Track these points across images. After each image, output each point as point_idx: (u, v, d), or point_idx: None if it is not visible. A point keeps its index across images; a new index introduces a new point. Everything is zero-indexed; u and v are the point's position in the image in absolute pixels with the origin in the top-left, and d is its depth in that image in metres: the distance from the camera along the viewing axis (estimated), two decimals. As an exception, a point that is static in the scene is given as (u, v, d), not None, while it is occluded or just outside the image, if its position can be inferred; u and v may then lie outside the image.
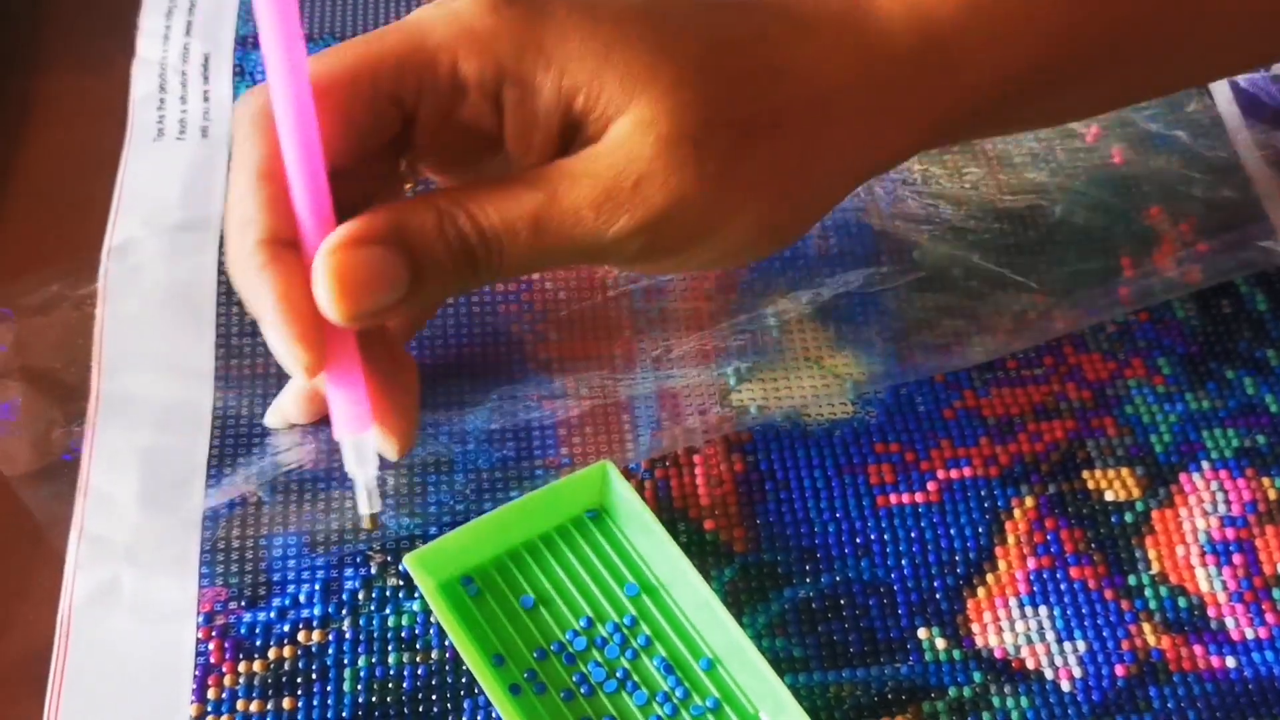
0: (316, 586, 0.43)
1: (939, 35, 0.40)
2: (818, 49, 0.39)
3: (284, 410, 0.45)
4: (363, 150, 0.38)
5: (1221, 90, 0.56)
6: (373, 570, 0.43)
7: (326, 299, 0.35)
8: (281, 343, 0.36)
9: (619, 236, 0.38)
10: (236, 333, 0.48)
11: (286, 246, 0.36)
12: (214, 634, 0.42)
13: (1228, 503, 0.46)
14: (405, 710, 0.41)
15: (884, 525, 0.45)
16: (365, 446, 0.38)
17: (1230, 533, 0.45)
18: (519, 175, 0.38)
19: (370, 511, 0.40)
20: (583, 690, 0.41)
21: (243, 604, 0.43)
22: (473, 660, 0.40)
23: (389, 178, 0.41)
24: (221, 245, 0.50)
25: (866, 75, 0.40)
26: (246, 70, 0.56)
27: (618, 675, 0.41)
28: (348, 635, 0.42)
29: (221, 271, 0.50)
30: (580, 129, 0.38)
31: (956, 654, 0.43)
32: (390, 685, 0.41)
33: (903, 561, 0.44)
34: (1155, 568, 0.44)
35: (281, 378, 0.47)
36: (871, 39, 0.40)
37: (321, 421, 0.45)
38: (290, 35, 0.33)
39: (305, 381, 0.37)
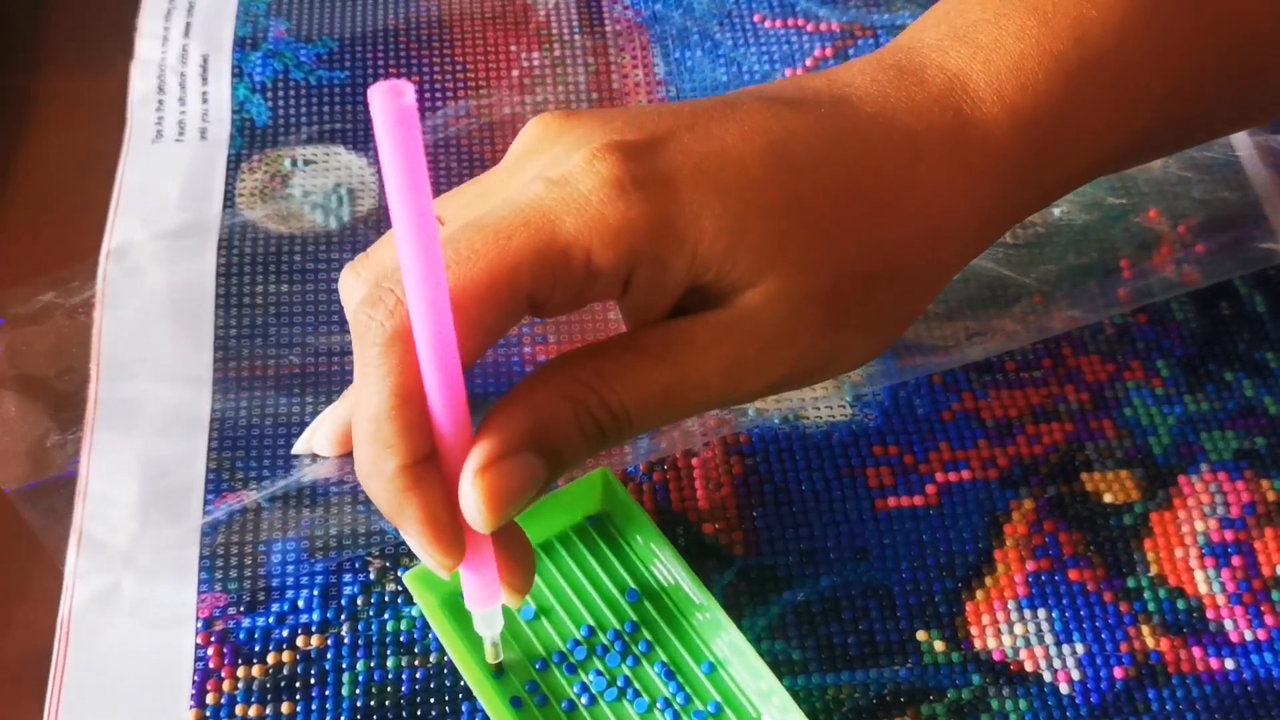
0: (315, 592, 0.43)
1: (1039, 135, 0.40)
2: (930, 179, 0.39)
3: (315, 444, 0.45)
4: (490, 345, 0.37)
5: (1221, 90, 0.56)
6: (371, 575, 0.44)
7: (478, 517, 0.35)
8: (426, 554, 0.36)
9: (746, 394, 0.39)
10: (234, 336, 0.48)
11: (424, 463, 0.36)
12: (213, 639, 0.42)
13: (1226, 505, 0.46)
14: (404, 714, 0.41)
15: (883, 528, 0.45)
16: (494, 615, 0.40)
17: (1229, 535, 0.45)
18: (642, 345, 0.37)
19: (494, 661, 0.41)
20: (584, 700, 0.41)
21: (242, 609, 0.43)
22: (472, 676, 0.40)
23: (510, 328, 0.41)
24: (221, 249, 0.50)
25: (977, 197, 0.40)
26: (245, 72, 0.56)
27: (619, 683, 0.41)
28: (346, 640, 0.42)
29: (220, 272, 0.50)
30: (701, 291, 0.38)
31: (955, 656, 0.43)
32: (389, 689, 0.41)
33: (901, 564, 0.44)
34: (1154, 570, 0.45)
35: (280, 382, 0.47)
36: (978, 157, 0.40)
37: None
38: (432, 259, 0.31)
39: (445, 576, 0.38)
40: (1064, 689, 0.42)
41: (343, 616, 0.43)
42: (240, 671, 0.42)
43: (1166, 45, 0.42)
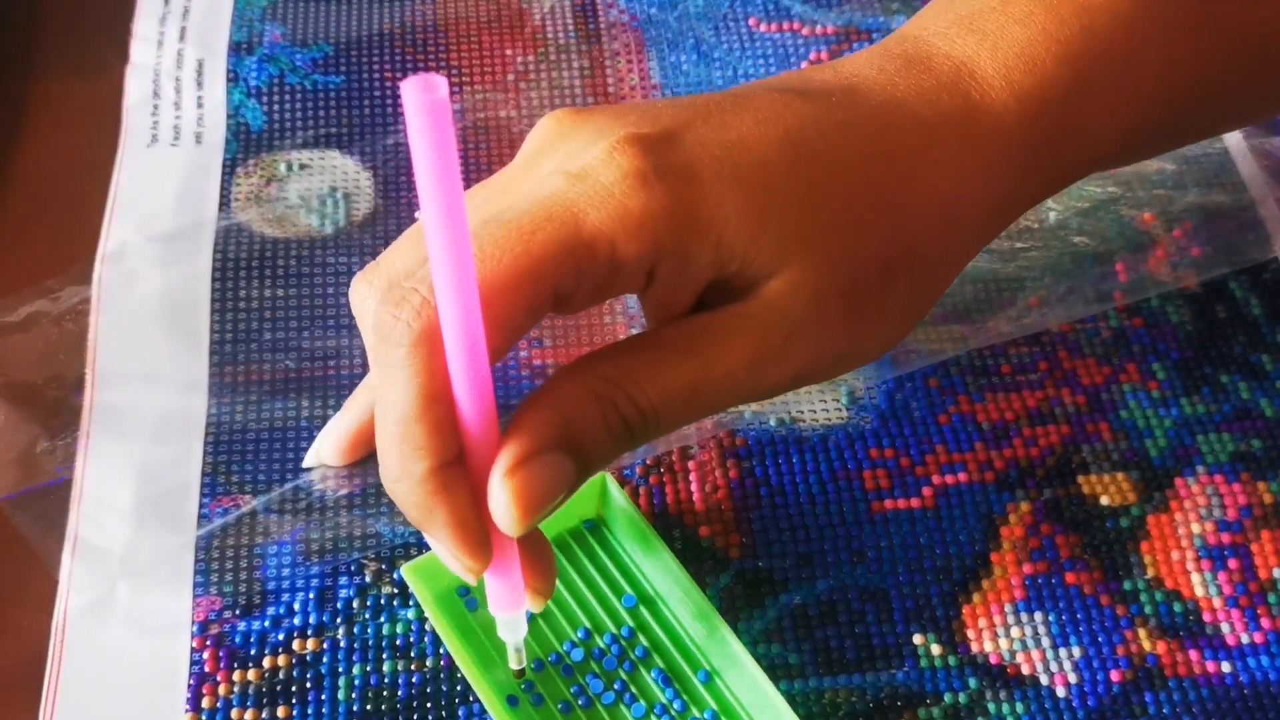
0: (311, 595, 0.43)
1: (1048, 119, 0.40)
2: (941, 162, 0.39)
3: (321, 455, 0.45)
4: (516, 341, 0.37)
5: (1216, 94, 0.56)
6: (367, 579, 0.43)
7: (508, 519, 0.35)
8: (453, 558, 0.36)
9: (770, 388, 0.39)
10: (230, 340, 0.48)
11: (453, 466, 0.35)
12: (208, 643, 0.42)
13: (1223, 507, 0.46)
14: (400, 718, 0.41)
15: (879, 531, 0.45)
16: (518, 620, 0.39)
17: (1225, 537, 0.45)
18: (666, 340, 0.37)
19: (518, 667, 0.40)
20: (580, 702, 0.41)
21: (237, 613, 0.43)
22: (470, 672, 0.40)
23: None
24: (216, 253, 0.50)
25: (988, 182, 0.40)
26: (240, 76, 0.56)
27: (615, 687, 0.41)
28: (342, 644, 0.42)
29: (215, 277, 0.50)
30: (723, 284, 0.37)
31: (952, 660, 0.43)
32: (385, 693, 0.41)
33: (898, 567, 0.44)
34: (1150, 573, 0.44)
35: (275, 386, 0.47)
36: (987, 142, 0.40)
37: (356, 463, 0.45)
38: (464, 262, 0.31)
39: (472, 581, 0.37)
40: (1061, 692, 0.42)
41: (338, 620, 0.43)
42: (236, 676, 0.42)
43: (1172, 37, 0.42)
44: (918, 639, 0.43)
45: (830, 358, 0.39)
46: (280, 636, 0.42)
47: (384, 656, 0.42)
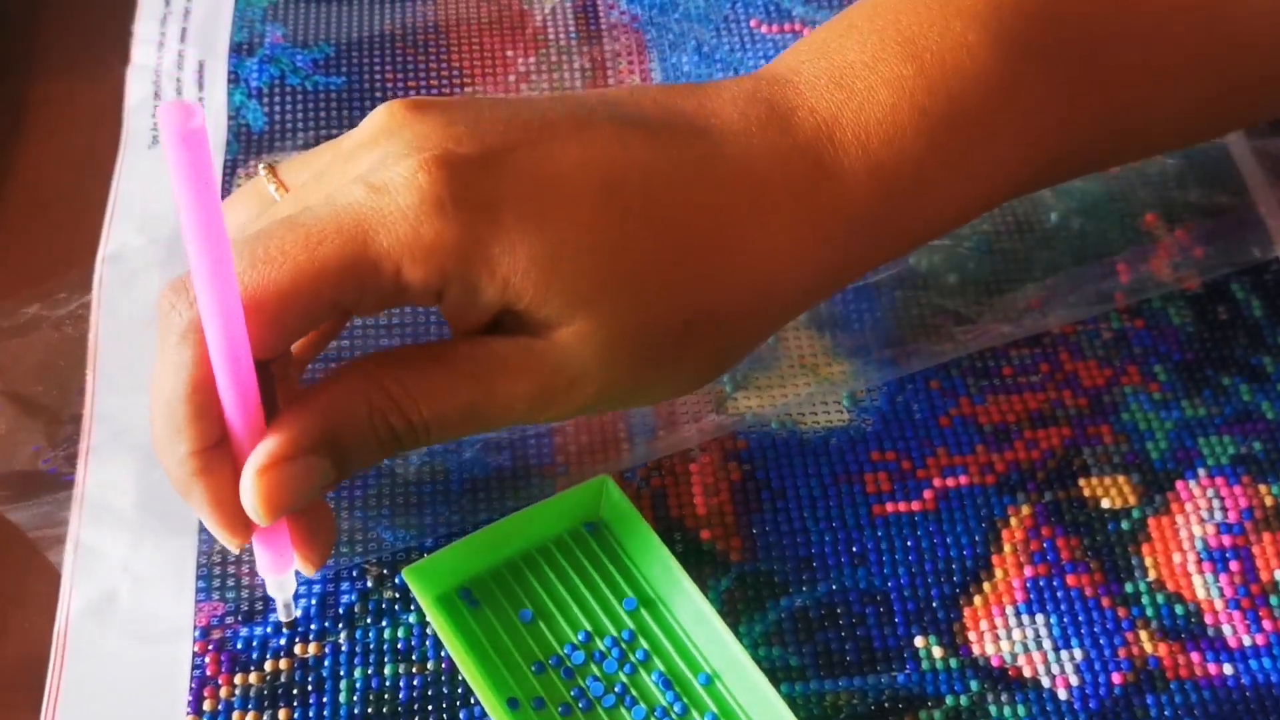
0: (313, 600, 0.43)
1: (899, 195, 0.40)
2: (770, 230, 0.39)
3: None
4: (292, 342, 0.37)
5: (1217, 94, 0.56)
6: (369, 583, 0.43)
7: (255, 513, 0.36)
8: (214, 531, 0.38)
9: (549, 418, 0.40)
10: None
11: (215, 449, 0.36)
12: (210, 647, 0.42)
13: (1224, 510, 0.46)
14: (402, 722, 0.41)
15: (880, 534, 0.45)
16: (286, 581, 0.41)
17: (1227, 540, 0.45)
18: (453, 360, 0.38)
19: (287, 619, 0.42)
20: (581, 705, 0.41)
21: (239, 618, 0.43)
22: (470, 673, 0.40)
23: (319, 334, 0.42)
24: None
25: (818, 248, 0.40)
26: (241, 77, 0.56)
27: (616, 690, 0.41)
28: (344, 648, 0.42)
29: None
30: (518, 317, 0.38)
31: (953, 662, 0.43)
32: (386, 697, 0.41)
33: (899, 570, 0.44)
34: (1152, 575, 0.44)
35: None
36: (827, 212, 0.40)
37: None
38: (220, 259, 0.32)
39: (235, 550, 0.39)
40: (1062, 695, 0.42)
41: (340, 624, 0.43)
42: (237, 679, 0.42)
43: (1044, 107, 0.42)
44: (919, 641, 0.43)
45: (614, 398, 0.40)
46: (282, 641, 0.42)
47: (385, 660, 0.42)
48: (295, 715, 0.41)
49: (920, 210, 0.41)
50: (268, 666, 0.42)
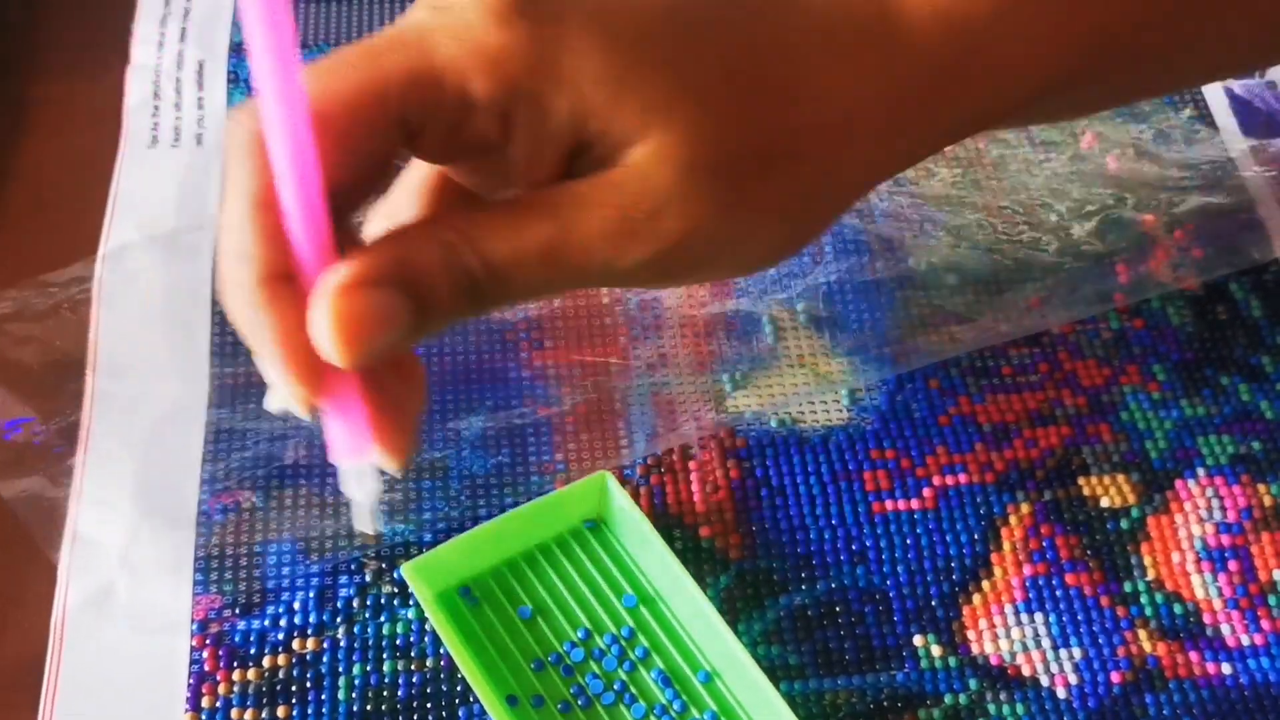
0: (311, 594, 0.43)
1: (968, 43, 0.39)
2: (841, 64, 0.38)
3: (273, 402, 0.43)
4: (362, 171, 0.35)
5: (1216, 97, 0.56)
6: (367, 578, 0.43)
7: (328, 345, 0.33)
8: (280, 380, 0.34)
9: (631, 267, 0.37)
10: (231, 338, 0.48)
11: (284, 280, 0.33)
12: (208, 642, 0.42)
13: (1223, 509, 0.46)
14: (400, 718, 0.41)
15: (879, 532, 0.45)
16: (364, 471, 0.37)
17: (1226, 539, 0.45)
18: (527, 201, 0.36)
19: (372, 530, 0.38)
20: (580, 702, 0.41)
21: (237, 611, 0.43)
22: (469, 671, 0.40)
23: (386, 168, 0.38)
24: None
25: (890, 91, 0.39)
26: (241, 77, 0.56)
27: (615, 687, 0.41)
28: (342, 643, 0.42)
29: (216, 279, 0.50)
30: (592, 147, 0.36)
31: (952, 661, 0.43)
32: (385, 693, 0.41)
33: (898, 568, 0.44)
34: (1151, 574, 0.44)
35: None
36: (897, 51, 0.39)
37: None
38: (285, 60, 0.30)
39: (304, 413, 0.35)
40: (1061, 693, 0.42)
41: (338, 619, 0.43)
42: (236, 675, 0.42)
43: None
44: (918, 640, 0.43)
45: (704, 243, 0.37)
46: (280, 636, 0.42)
47: (384, 656, 0.42)
48: (294, 713, 0.41)
49: (991, 66, 0.40)
50: (266, 662, 0.42)
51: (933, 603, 0.44)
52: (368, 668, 0.42)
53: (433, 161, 0.38)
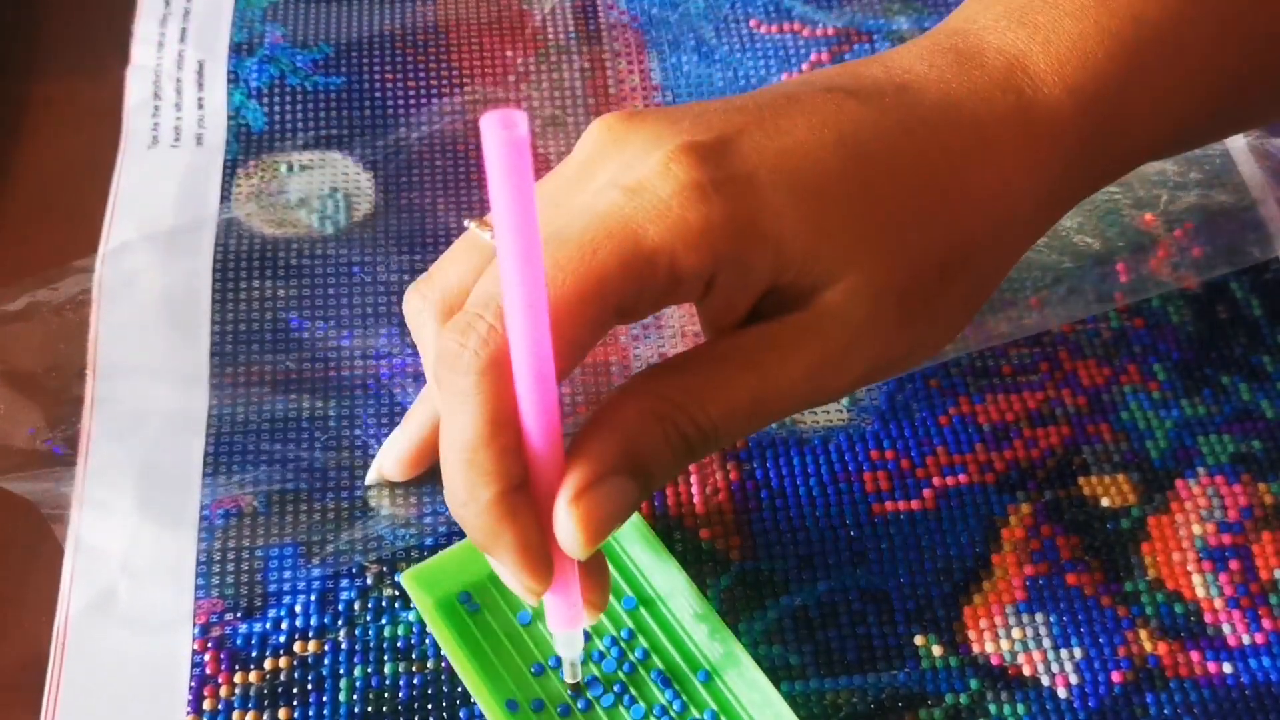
0: (312, 597, 0.43)
1: (1102, 116, 0.40)
2: (996, 161, 0.39)
3: (384, 470, 0.45)
4: (581, 359, 0.36)
5: (1216, 94, 0.56)
6: (368, 581, 0.43)
7: (574, 544, 0.35)
8: (517, 580, 0.36)
9: (830, 395, 0.39)
10: (230, 339, 0.48)
11: (519, 490, 0.35)
12: (209, 645, 0.42)
13: (1224, 509, 0.46)
14: (401, 720, 0.41)
15: (880, 532, 0.45)
16: (576, 636, 0.40)
17: (1226, 539, 0.45)
18: (725, 353, 0.37)
19: (573, 680, 0.41)
20: (580, 705, 0.41)
21: (238, 615, 0.43)
22: (469, 677, 0.40)
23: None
24: (217, 253, 0.50)
25: (1041, 177, 0.40)
26: (241, 77, 0.56)
27: (615, 689, 0.41)
28: (343, 646, 0.42)
29: (215, 277, 0.50)
30: (782, 292, 0.37)
31: (953, 661, 0.43)
32: (386, 695, 0.41)
33: (899, 569, 0.44)
34: (1151, 574, 0.44)
35: (276, 385, 0.47)
36: (1041, 137, 0.39)
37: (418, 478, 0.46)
38: (537, 295, 0.31)
39: (534, 603, 0.38)
40: (1062, 693, 0.42)
41: (340, 622, 0.43)
42: (237, 678, 0.42)
43: (1222, 20, 0.41)
44: (919, 640, 0.43)
45: (888, 362, 0.39)
46: (281, 638, 0.42)
47: (385, 659, 0.42)
48: (295, 715, 0.41)
49: (1126, 131, 0.41)
50: (267, 665, 0.42)
51: (933, 603, 0.44)
52: (369, 670, 0.42)
53: (627, 324, 0.39)
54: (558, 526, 0.35)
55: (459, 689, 0.41)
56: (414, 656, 0.42)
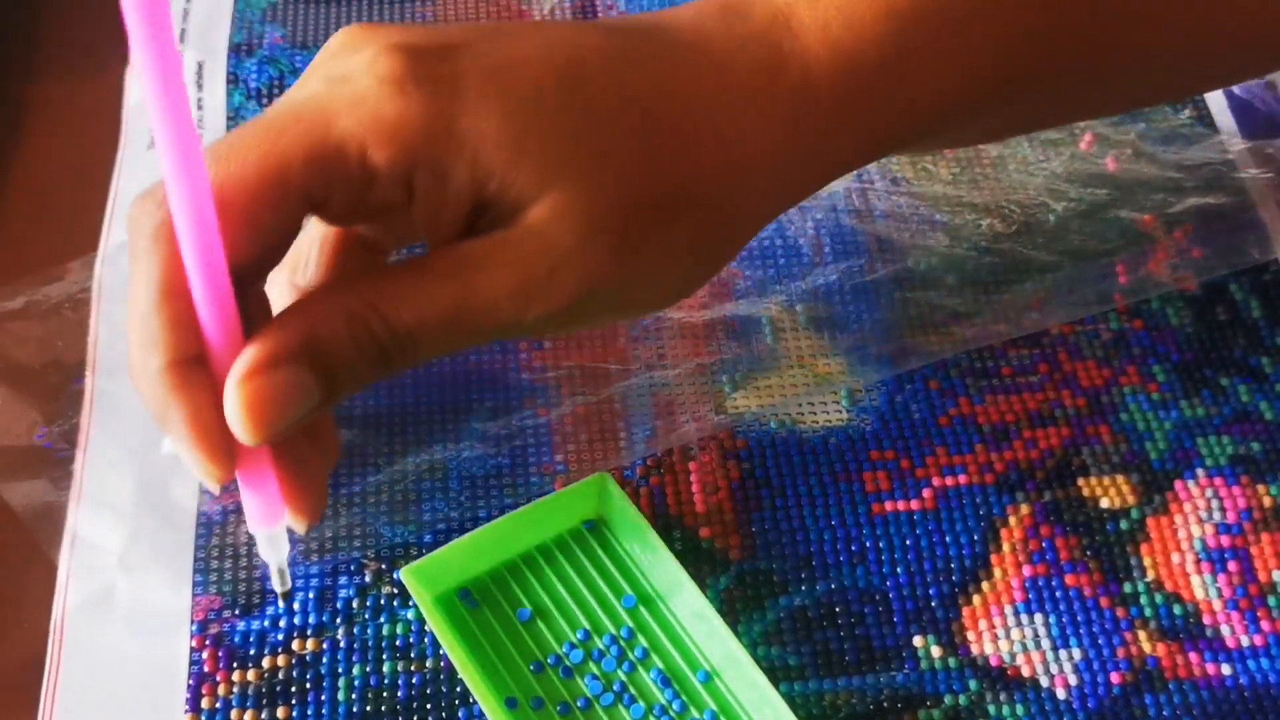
0: (311, 595, 0.43)
1: (864, 77, 0.39)
2: (736, 107, 0.38)
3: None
4: (268, 245, 0.36)
5: (1216, 98, 0.56)
6: (367, 578, 0.43)
7: (240, 427, 0.34)
8: (193, 461, 0.35)
9: (534, 322, 0.37)
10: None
11: (193, 364, 0.34)
12: (208, 643, 0.42)
13: (1223, 510, 0.46)
14: (400, 719, 0.41)
15: (879, 533, 0.45)
16: (277, 537, 0.38)
17: (1225, 540, 0.45)
18: (429, 264, 0.36)
19: (282, 589, 0.39)
20: (579, 704, 0.41)
21: (237, 612, 0.43)
22: (468, 674, 0.40)
23: (291, 237, 0.39)
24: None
25: (786, 128, 0.39)
26: (240, 78, 0.56)
27: (614, 688, 0.41)
28: (342, 644, 0.42)
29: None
30: (492, 207, 0.37)
31: (952, 662, 0.43)
32: (384, 694, 0.41)
33: (898, 569, 0.44)
34: (1150, 575, 0.44)
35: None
36: (790, 91, 0.39)
37: None
38: (188, 151, 0.30)
39: (215, 489, 0.36)
40: (1061, 694, 0.42)
41: (338, 620, 0.43)
42: (235, 675, 0.42)
43: (1017, 4, 0.41)
44: (918, 641, 0.43)
45: (602, 293, 0.38)
46: (280, 636, 0.42)
47: (384, 657, 0.42)
48: (294, 714, 0.41)
49: (890, 97, 0.40)
50: (265, 663, 0.42)
51: (932, 603, 0.44)
52: (367, 668, 0.42)
53: (338, 225, 0.38)
54: (226, 407, 0.34)
55: (458, 688, 0.41)
56: (413, 655, 0.42)
